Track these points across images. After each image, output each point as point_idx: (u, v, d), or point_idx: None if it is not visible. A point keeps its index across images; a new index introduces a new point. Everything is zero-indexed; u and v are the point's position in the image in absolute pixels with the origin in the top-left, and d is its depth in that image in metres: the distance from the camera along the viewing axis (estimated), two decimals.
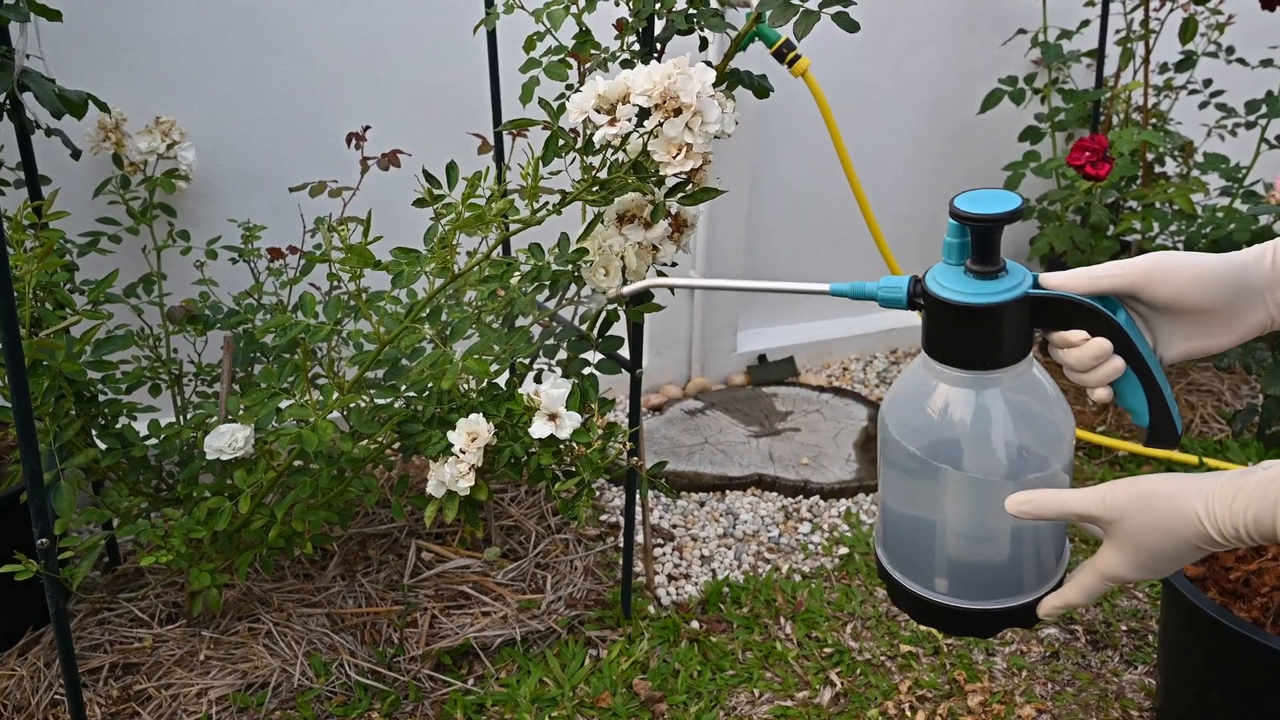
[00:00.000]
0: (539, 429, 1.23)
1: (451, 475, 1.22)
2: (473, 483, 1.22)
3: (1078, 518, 0.66)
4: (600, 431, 1.25)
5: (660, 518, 1.95)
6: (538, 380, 1.44)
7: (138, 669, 1.47)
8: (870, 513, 2.01)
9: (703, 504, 2.01)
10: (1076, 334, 0.68)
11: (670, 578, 1.80)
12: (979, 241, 0.65)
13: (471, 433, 1.22)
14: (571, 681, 1.52)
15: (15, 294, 1.14)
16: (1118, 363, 0.67)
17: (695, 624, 1.67)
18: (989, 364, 0.66)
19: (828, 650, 1.62)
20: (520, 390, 1.28)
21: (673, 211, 1.26)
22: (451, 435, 1.22)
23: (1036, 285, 0.67)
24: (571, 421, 1.23)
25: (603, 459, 1.24)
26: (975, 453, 0.67)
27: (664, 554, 1.86)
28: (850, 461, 2.13)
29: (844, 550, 1.88)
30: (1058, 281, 0.67)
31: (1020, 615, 0.71)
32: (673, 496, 1.61)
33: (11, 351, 1.04)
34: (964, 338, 0.66)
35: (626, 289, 0.80)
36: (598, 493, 2.01)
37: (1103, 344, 0.67)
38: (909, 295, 0.69)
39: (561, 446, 1.27)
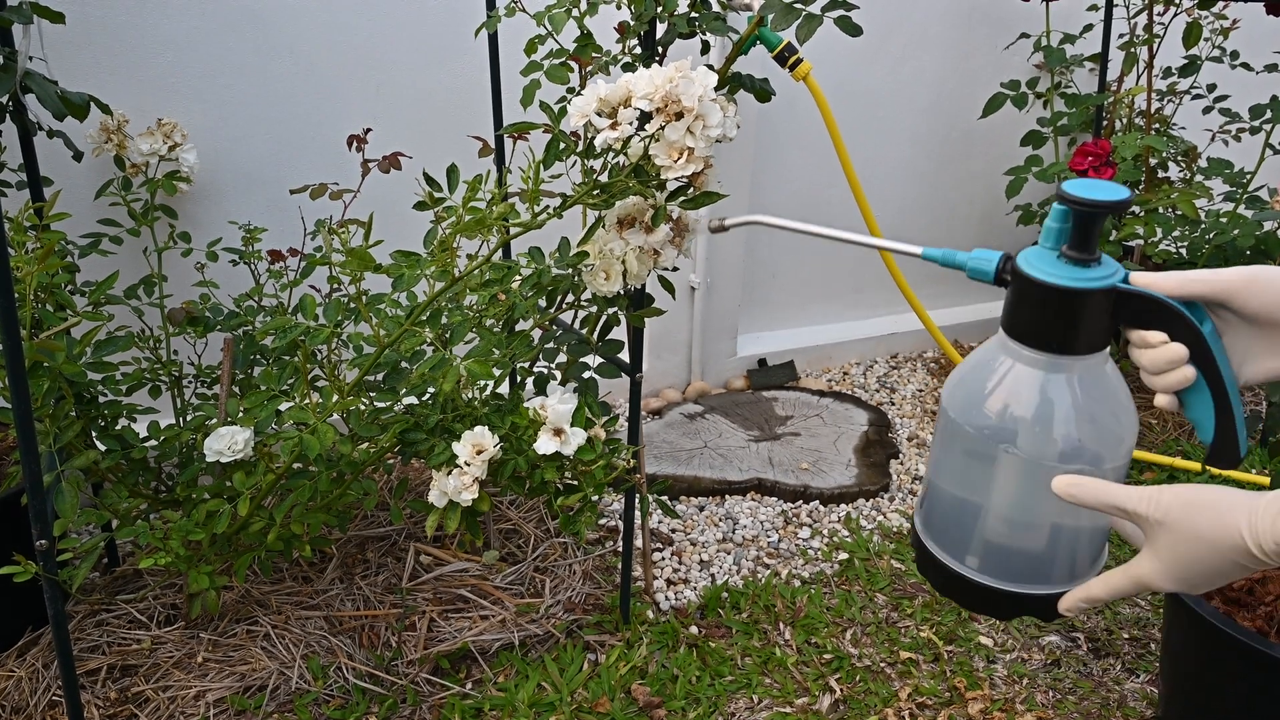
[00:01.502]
0: (544, 445, 1.22)
1: (455, 487, 1.22)
2: (476, 495, 1.22)
3: (1121, 512, 0.65)
4: (604, 448, 1.25)
5: (659, 522, 1.94)
6: (538, 385, 1.44)
7: (136, 671, 1.47)
8: (870, 518, 2.00)
9: (702, 508, 2.01)
10: (1155, 335, 0.67)
11: (669, 582, 1.80)
12: (1080, 227, 0.66)
13: (477, 445, 1.21)
14: (570, 686, 1.51)
15: (16, 295, 1.13)
16: (1189, 371, 0.67)
17: (694, 629, 1.67)
18: (1065, 348, 0.67)
19: (827, 656, 1.61)
20: (525, 404, 1.28)
21: (674, 216, 1.26)
22: (456, 446, 1.22)
23: (1126, 281, 0.67)
24: (577, 438, 1.23)
25: (606, 475, 1.24)
26: (1033, 436, 0.68)
27: (663, 558, 1.85)
28: (850, 466, 2.12)
29: (844, 556, 1.87)
30: (1148, 280, 0.67)
31: (1041, 605, 0.71)
32: (673, 515, 1.63)
33: (12, 353, 1.03)
34: (1045, 318, 0.67)
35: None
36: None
37: (1179, 349, 0.66)
38: (997, 270, 0.71)
39: (565, 461, 1.26)
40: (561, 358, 1.43)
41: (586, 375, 1.42)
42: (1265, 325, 0.67)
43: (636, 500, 1.57)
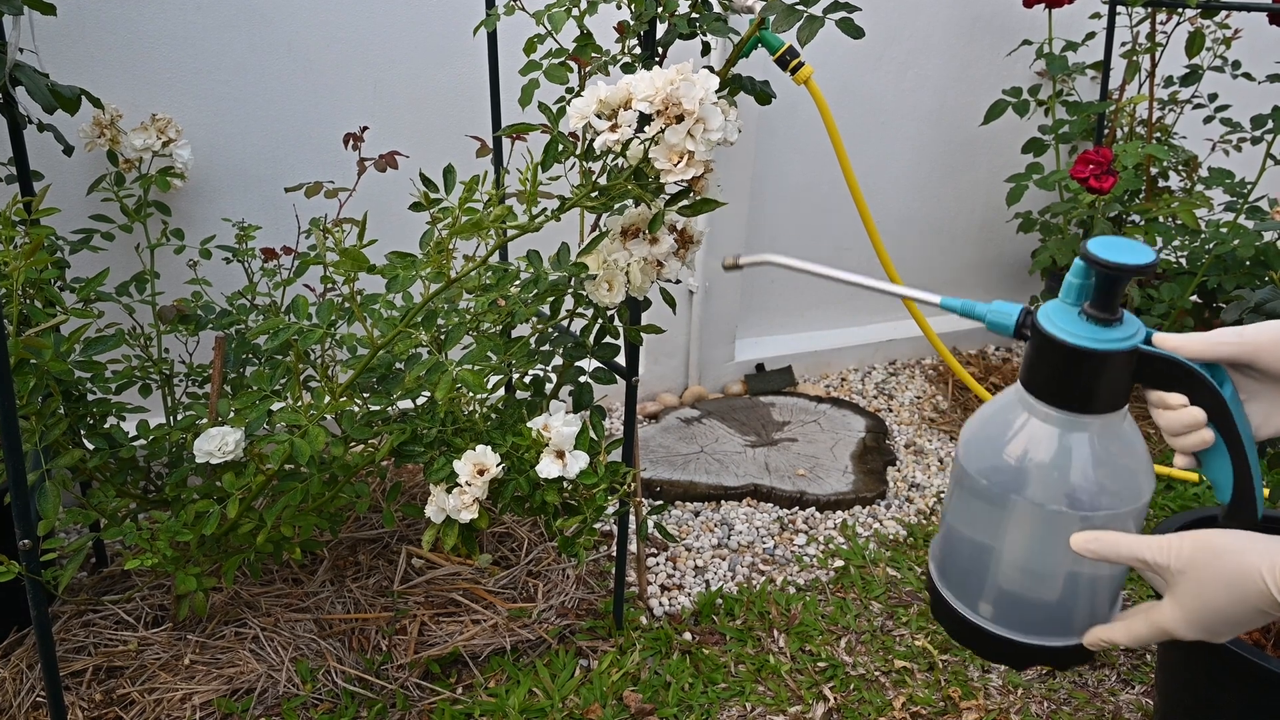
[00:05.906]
0: (548, 468, 1.20)
1: (454, 506, 1.20)
2: (476, 514, 1.20)
3: (1142, 563, 0.64)
4: (605, 470, 1.24)
5: (653, 527, 1.93)
6: (535, 390, 1.43)
7: (122, 673, 1.45)
8: (866, 525, 1.99)
9: (697, 514, 1.99)
10: (1175, 398, 0.66)
11: (663, 588, 1.78)
12: (1103, 288, 0.65)
13: (479, 466, 1.20)
14: (561, 692, 1.50)
15: (3, 290, 1.12)
16: (1208, 435, 0.66)
17: (688, 635, 1.65)
18: (1083, 408, 0.66)
19: (821, 664, 1.60)
20: (529, 423, 1.26)
21: (678, 226, 1.25)
22: (457, 465, 1.20)
23: (1148, 341, 0.66)
24: (579, 462, 1.21)
25: (607, 499, 1.23)
26: (1049, 491, 0.67)
27: (657, 564, 1.84)
28: (847, 473, 2.11)
29: (839, 563, 1.86)
30: (1173, 344, 0.66)
31: (1056, 655, 0.71)
32: (672, 539, 1.61)
33: None
34: (1065, 378, 0.66)
35: None
36: None
37: (1198, 414, 0.66)
38: (1017, 325, 0.70)
39: (566, 484, 1.25)
40: (557, 360, 1.41)
41: (582, 379, 1.41)
42: None
43: (631, 514, 1.55)
